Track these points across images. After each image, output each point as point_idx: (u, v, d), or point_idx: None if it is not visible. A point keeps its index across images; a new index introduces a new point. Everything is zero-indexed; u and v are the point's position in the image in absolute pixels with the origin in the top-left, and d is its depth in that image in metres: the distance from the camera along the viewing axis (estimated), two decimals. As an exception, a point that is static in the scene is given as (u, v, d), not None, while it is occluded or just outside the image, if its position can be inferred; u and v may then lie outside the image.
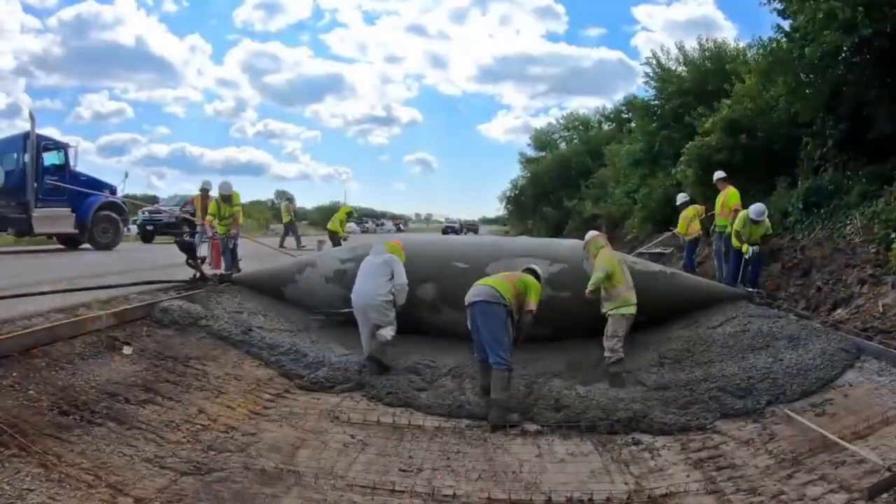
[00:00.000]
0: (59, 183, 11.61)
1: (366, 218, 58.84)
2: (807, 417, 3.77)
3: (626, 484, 3.29)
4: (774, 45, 7.70)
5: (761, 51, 8.82)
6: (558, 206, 22.89)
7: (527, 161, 29.54)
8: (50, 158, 11.79)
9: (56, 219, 11.63)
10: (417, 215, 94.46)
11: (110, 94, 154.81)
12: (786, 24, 7.37)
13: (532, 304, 4.46)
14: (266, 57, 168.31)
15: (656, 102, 13.41)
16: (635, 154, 13.79)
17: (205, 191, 10.28)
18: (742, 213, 7.07)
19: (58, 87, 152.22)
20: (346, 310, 5.50)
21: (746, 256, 6.95)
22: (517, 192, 30.46)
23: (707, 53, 12.89)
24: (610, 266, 4.86)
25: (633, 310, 4.85)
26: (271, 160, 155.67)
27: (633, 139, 14.79)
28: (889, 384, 3.90)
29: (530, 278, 4.61)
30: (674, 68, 13.22)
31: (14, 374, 3.36)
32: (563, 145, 27.08)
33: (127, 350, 4.32)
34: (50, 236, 12.39)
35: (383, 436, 3.93)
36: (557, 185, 23.41)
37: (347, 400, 4.58)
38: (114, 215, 12.44)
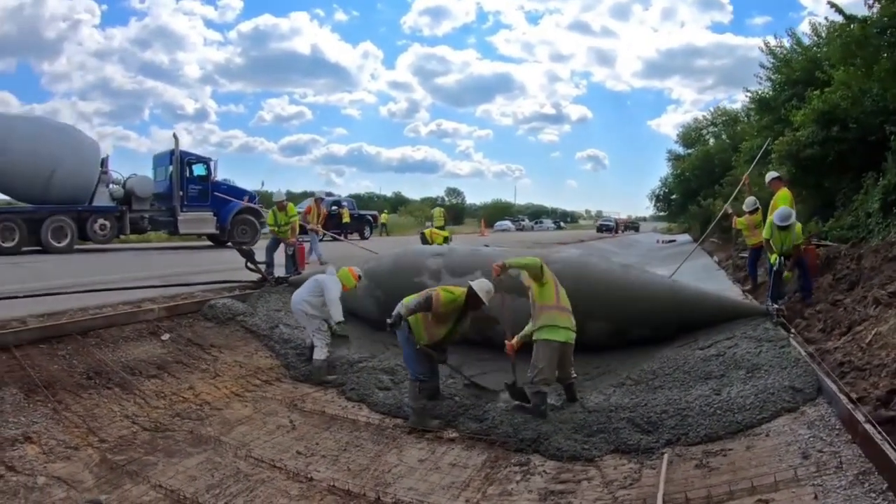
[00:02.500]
0: (208, 192, 15.32)
1: (522, 216, 59.92)
2: (684, 467, 3.74)
3: (466, 502, 3.72)
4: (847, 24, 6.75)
5: (836, 31, 7.72)
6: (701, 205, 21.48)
7: (675, 158, 28.20)
8: (197, 170, 15.51)
9: (199, 221, 15.39)
10: (587, 212, 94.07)
11: (290, 98, 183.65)
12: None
13: (435, 293, 4.90)
14: (435, 60, 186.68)
15: (770, 94, 12.21)
16: (752, 151, 12.65)
17: (318, 199, 12.47)
18: (769, 219, 6.69)
19: (241, 93, 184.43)
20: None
21: (775, 268, 6.59)
22: (666, 190, 29.22)
23: (819, 39, 11.25)
24: (545, 274, 4.83)
25: (559, 336, 4.75)
26: (445, 158, 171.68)
27: (751, 135, 13.55)
28: (808, 439, 3.59)
29: (450, 288, 5.08)
30: (790, 57, 11.91)
31: (68, 348, 5.20)
32: (711, 141, 25.10)
33: (165, 337, 6.04)
34: (199, 236, 16.02)
35: (316, 424, 4.95)
36: (702, 183, 21.83)
37: (320, 392, 5.70)
38: (251, 218, 15.76)
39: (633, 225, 59.76)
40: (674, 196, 27.91)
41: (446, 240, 13.27)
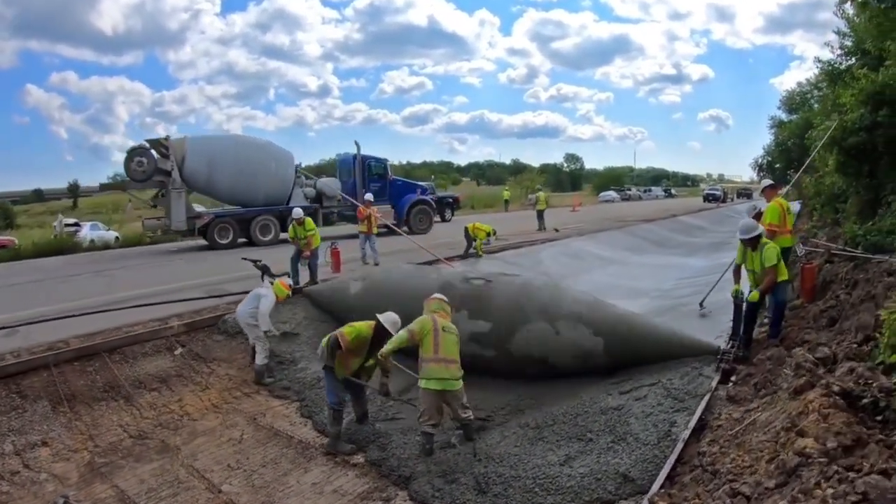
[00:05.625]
0: (386, 188, 19.81)
1: (628, 186, 57.83)
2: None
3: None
4: None
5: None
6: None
7: (779, 125, 25.74)
8: (376, 169, 19.88)
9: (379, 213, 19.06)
10: (709, 175, 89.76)
11: (409, 70, 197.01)
12: None
13: (339, 332, 5.94)
14: (551, 24, 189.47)
15: (840, 67, 10.88)
16: (825, 130, 11.43)
17: (368, 202, 13.94)
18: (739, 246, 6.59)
19: (361, 68, 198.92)
20: None
21: (733, 297, 6.56)
22: (769, 158, 26.91)
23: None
24: (419, 328, 5.65)
25: (434, 385, 5.50)
26: (566, 123, 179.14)
27: (825, 110, 12.12)
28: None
29: (357, 323, 6.09)
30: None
31: (96, 365, 7.15)
32: (815, 107, 22.23)
33: (177, 351, 7.86)
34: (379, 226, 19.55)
35: (260, 439, 6.36)
36: (802, 153, 19.75)
37: (286, 407, 7.14)
38: (425, 208, 20.40)
39: (745, 192, 56.51)
40: (777, 165, 26.02)
41: (489, 235, 14.02)
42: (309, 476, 5.64)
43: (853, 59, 12.04)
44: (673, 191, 66.86)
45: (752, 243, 6.44)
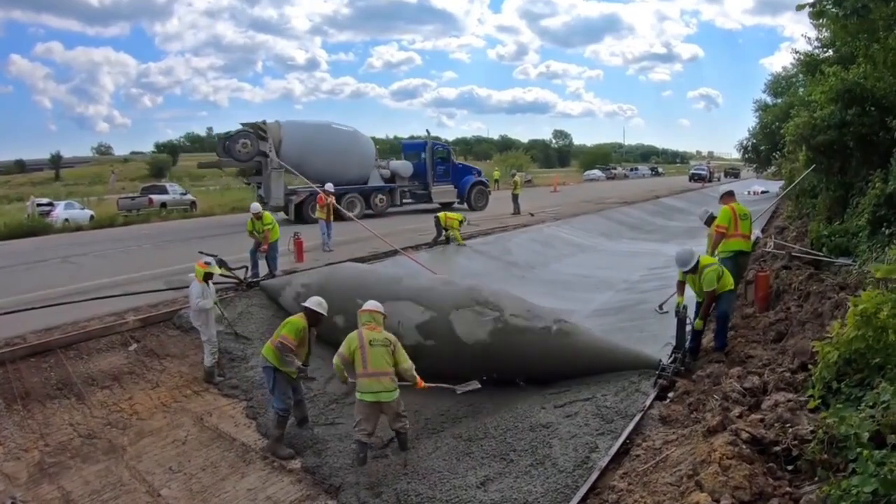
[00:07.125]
0: (449, 170, 23.63)
1: (613, 165, 58.86)
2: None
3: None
4: None
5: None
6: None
7: (763, 108, 26.27)
8: (440, 154, 23.46)
9: (445, 192, 23.41)
10: (698, 152, 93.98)
11: (398, 45, 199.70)
12: None
13: (281, 336, 6.35)
14: (541, 2, 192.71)
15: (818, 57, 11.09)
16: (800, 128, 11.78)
17: (326, 191, 14.31)
18: None
19: (350, 42, 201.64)
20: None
21: (678, 314, 6.66)
22: (754, 141, 27.75)
23: None
24: (346, 349, 6.03)
25: (367, 397, 5.94)
26: (556, 99, 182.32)
27: (802, 101, 12.36)
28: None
29: (288, 320, 6.56)
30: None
31: (51, 362, 7.59)
32: (800, 91, 22.64)
33: (131, 347, 8.30)
34: (442, 204, 22.71)
35: (203, 441, 6.86)
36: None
37: (233, 407, 7.63)
38: (484, 189, 24.61)
39: (732, 171, 59.33)
40: (761, 147, 26.92)
41: (461, 223, 14.50)
42: (245, 482, 6.14)
43: (829, 51, 12.16)
44: (660, 169, 67.95)
45: (692, 272, 6.75)
